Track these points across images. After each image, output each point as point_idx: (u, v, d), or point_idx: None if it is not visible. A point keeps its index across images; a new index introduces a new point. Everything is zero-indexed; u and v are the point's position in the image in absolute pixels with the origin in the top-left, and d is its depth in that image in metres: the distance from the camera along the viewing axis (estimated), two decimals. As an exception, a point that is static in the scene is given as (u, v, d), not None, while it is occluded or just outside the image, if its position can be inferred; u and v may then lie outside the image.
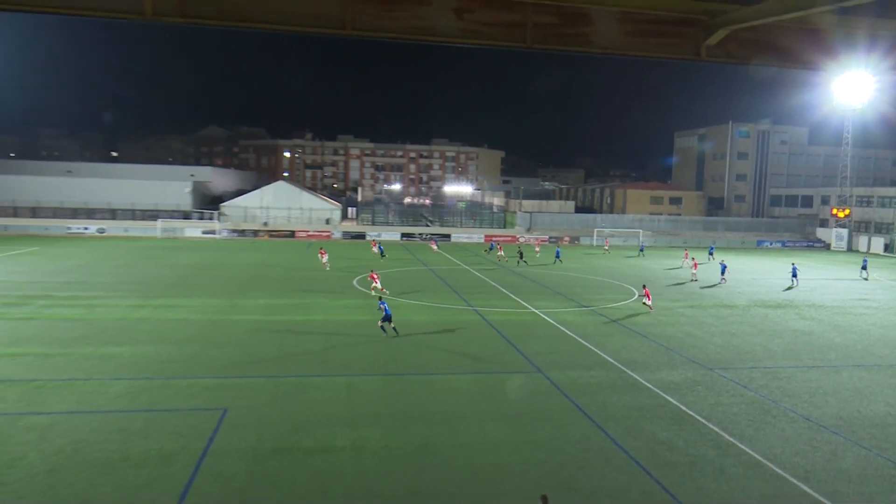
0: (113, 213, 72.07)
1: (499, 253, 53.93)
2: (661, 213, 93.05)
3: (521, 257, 50.55)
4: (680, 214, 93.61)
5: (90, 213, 71.77)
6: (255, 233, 69.92)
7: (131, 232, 68.02)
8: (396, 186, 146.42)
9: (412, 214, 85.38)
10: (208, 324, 26.44)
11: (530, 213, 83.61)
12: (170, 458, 13.73)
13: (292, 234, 70.17)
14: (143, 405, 16.83)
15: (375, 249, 54.00)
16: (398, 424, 15.96)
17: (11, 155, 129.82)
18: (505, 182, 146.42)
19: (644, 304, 31.61)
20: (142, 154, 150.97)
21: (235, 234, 69.27)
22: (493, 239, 70.56)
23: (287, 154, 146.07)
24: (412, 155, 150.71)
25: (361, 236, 71.37)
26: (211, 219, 71.97)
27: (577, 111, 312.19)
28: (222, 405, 16.96)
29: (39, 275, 38.73)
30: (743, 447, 15.30)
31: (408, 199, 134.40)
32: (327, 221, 75.27)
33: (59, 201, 72.11)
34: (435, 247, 61.23)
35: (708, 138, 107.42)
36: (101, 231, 68.05)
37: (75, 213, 71.27)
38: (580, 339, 25.37)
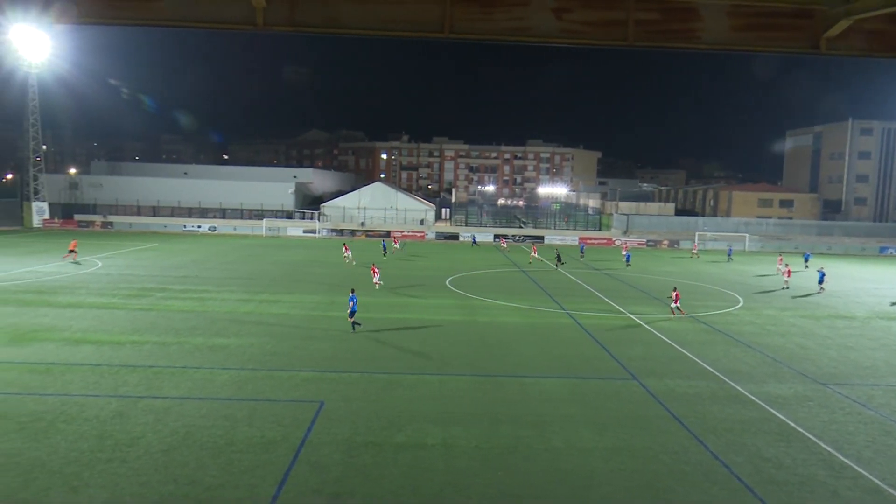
0: (223, 213, 76.66)
1: (532, 255, 51.74)
2: (769, 217, 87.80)
3: (560, 261, 48.19)
4: (791, 218, 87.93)
5: (203, 213, 76.75)
6: (353, 232, 72.14)
7: (239, 230, 72.04)
8: (490, 188, 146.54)
9: (505, 216, 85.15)
10: (308, 319, 27.45)
11: (627, 215, 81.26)
12: (271, 446, 14.41)
13: (388, 234, 71.83)
14: (248, 394, 17.75)
15: (397, 245, 59.39)
16: (488, 425, 15.95)
17: (136, 158, 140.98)
18: (601, 183, 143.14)
19: (672, 308, 29.68)
20: (249, 157, 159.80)
21: (334, 234, 71.79)
22: (544, 244, 69.06)
23: (384, 156, 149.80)
24: (506, 156, 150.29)
25: (455, 237, 71.96)
26: (311, 218, 74.96)
27: (678, 109, 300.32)
28: (319, 397, 17.61)
29: (158, 269, 41.75)
30: (860, 470, 14.17)
31: (501, 201, 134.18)
32: (421, 222, 76.45)
33: (176, 201, 77.43)
34: (504, 245, 62.57)
35: (825, 137, 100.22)
36: (212, 229, 72.52)
37: (190, 212, 76.42)
38: (678, 347, 24.37)
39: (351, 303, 25.19)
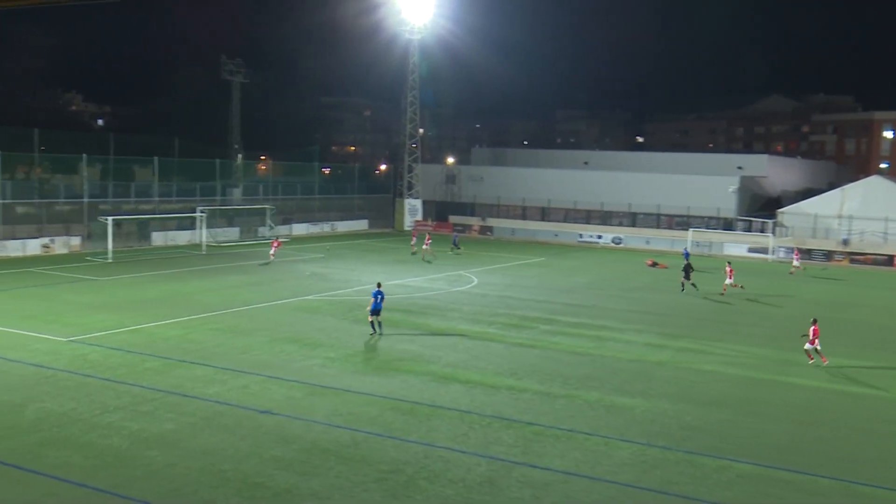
0: (633, 218, 79.67)
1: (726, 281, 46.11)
2: None
3: (688, 277, 47.18)
4: None
5: (605, 217, 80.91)
6: (829, 254, 67.71)
7: (653, 244, 74.02)
8: None
9: None
10: (748, 383, 26.90)
11: None
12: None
13: (890, 259, 65.46)
14: (657, 484, 18.01)
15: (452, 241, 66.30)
16: None
17: (524, 143, 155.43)
18: None
19: (807, 350, 29.10)
20: (672, 139, 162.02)
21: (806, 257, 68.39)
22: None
23: (889, 134, 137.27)
24: None
25: None
26: (762, 231, 72.82)
27: None
28: (763, 506, 16.94)
29: (545, 292, 45.41)
30: None
31: None
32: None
33: (571, 201, 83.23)
34: None
35: None
36: (616, 241, 76.05)
37: (588, 217, 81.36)
38: None
39: (375, 299, 28.76)
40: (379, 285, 32.89)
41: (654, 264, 58.43)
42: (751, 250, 70.41)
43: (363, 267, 53.47)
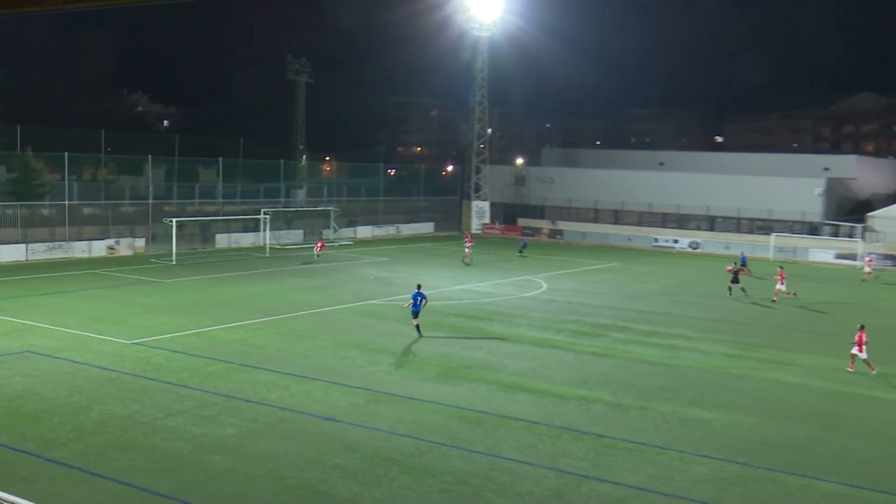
0: (711, 222, 78.54)
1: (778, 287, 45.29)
2: None
3: (738, 281, 47.56)
4: None
5: (682, 221, 80.00)
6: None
7: (733, 249, 72.67)
8: None
9: None
10: (834, 397, 26.35)
11: None
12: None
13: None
14: (734, 502, 17.66)
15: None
16: None
17: (597, 143, 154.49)
18: None
19: (853, 355, 29.03)
20: (754, 139, 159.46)
21: (890, 262, 66.59)
22: None
23: None
24: None
25: None
26: (850, 236, 71.07)
27: None
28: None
29: (616, 298, 45.07)
30: None
31: None
32: None
33: (645, 203, 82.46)
34: None
35: None
36: (694, 246, 75.03)
37: (664, 220, 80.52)
38: None
39: (414, 301, 31.09)
40: (419, 287, 33.53)
41: (735, 270, 57.40)
42: (838, 256, 68.68)
43: (428, 271, 53.73)
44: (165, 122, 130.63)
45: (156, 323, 34.07)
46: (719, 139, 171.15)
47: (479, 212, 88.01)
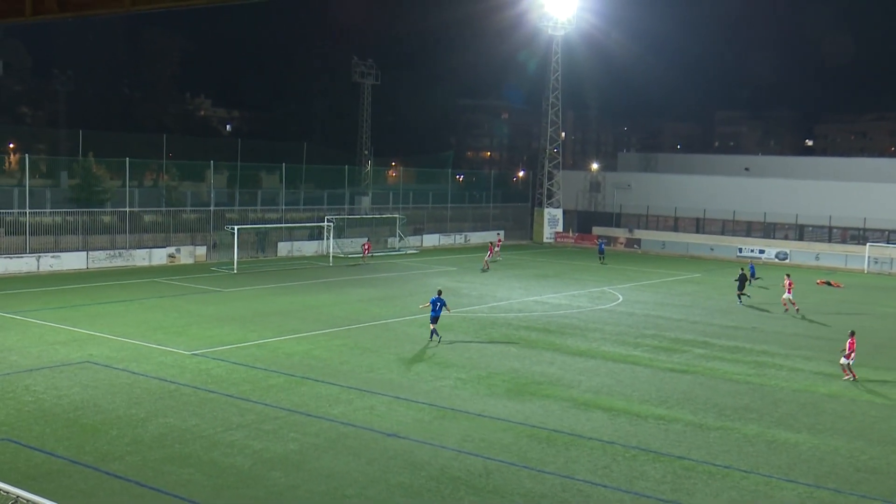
0: (800, 231, 76.93)
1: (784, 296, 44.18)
2: None
3: (741, 289, 48.58)
4: None
5: (769, 230, 78.49)
6: None
7: (823, 260, 71.18)
8: None
9: None
10: (936, 420, 25.56)
11: None
12: None
13: None
14: (825, 530, 17.27)
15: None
16: None
17: (678, 147, 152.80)
18: None
19: (842, 364, 29.67)
20: (847, 142, 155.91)
21: None
22: None
23: None
24: None
25: None
26: (952, 246, 69.07)
27: None
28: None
29: (699, 312, 44.42)
30: None
31: None
32: None
33: (729, 211, 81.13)
34: None
35: None
36: (781, 256, 73.51)
37: (749, 229, 79.13)
38: None
39: (433, 306, 32.61)
40: (439, 292, 34.22)
41: (827, 283, 56.22)
42: (940, 268, 66.71)
43: (498, 282, 53.68)
44: (228, 127, 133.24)
45: (216, 333, 34.65)
46: (810, 143, 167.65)
47: (552, 219, 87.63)
